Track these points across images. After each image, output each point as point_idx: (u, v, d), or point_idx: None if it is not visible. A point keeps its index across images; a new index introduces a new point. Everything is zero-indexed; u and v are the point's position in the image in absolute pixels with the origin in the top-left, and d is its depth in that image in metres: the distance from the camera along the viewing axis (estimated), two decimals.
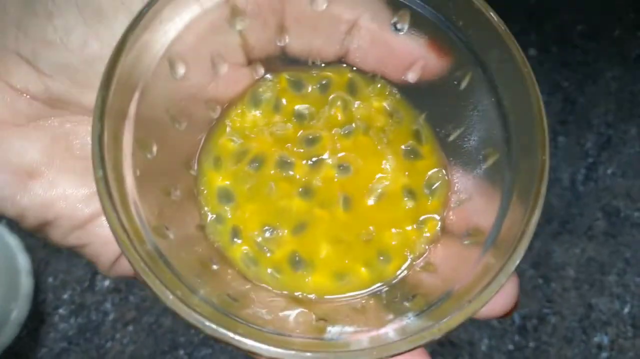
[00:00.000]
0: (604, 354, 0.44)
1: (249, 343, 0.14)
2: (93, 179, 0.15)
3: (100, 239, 0.18)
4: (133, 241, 0.15)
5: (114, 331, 0.44)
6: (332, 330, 0.16)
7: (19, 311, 0.42)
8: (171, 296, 0.14)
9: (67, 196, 0.18)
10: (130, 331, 0.44)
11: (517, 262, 0.15)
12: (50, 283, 0.45)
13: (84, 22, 0.17)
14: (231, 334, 0.14)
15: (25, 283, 0.43)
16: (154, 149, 0.17)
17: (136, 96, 0.16)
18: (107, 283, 0.45)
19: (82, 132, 0.18)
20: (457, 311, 0.15)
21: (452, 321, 0.14)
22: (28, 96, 0.18)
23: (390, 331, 0.15)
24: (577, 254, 0.46)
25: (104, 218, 0.17)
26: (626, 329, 0.44)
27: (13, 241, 0.44)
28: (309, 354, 0.14)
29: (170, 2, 0.16)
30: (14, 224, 0.44)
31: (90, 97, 0.17)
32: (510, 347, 0.44)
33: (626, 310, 0.45)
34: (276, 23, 0.19)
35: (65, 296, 0.44)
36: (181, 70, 0.18)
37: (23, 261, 0.43)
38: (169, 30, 0.17)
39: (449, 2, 0.17)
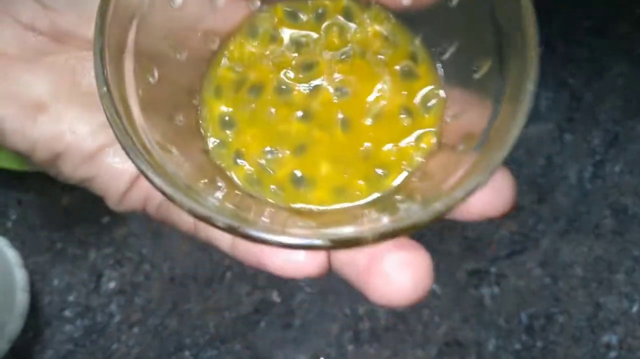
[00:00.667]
0: (613, 354, 0.43)
1: (254, 232, 0.15)
2: (99, 113, 0.16)
3: (109, 172, 0.19)
4: (141, 150, 0.15)
5: (119, 333, 0.44)
6: (331, 230, 0.17)
7: (11, 327, 0.41)
8: (184, 197, 0.15)
9: (74, 129, 0.18)
10: (135, 332, 0.44)
11: (504, 154, 0.15)
12: (55, 285, 0.45)
13: None
14: (241, 225, 0.15)
15: (21, 299, 0.42)
16: (156, 74, 0.18)
17: (134, 24, 0.17)
18: (112, 284, 0.45)
19: (88, 67, 0.18)
20: (446, 198, 0.15)
21: (439, 206, 0.15)
22: (35, 31, 0.18)
23: (384, 221, 0.16)
24: (584, 253, 0.46)
25: (111, 149, 0.18)
26: (635, 328, 0.44)
27: (12, 256, 0.44)
28: (305, 240, 0.15)
29: None
30: (14, 241, 0.45)
31: None
32: (518, 346, 0.43)
33: (635, 309, 0.44)
34: None
35: (71, 298, 0.45)
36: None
37: (20, 277, 0.43)
38: None
39: None
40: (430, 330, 0.44)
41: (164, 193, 0.15)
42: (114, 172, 0.19)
